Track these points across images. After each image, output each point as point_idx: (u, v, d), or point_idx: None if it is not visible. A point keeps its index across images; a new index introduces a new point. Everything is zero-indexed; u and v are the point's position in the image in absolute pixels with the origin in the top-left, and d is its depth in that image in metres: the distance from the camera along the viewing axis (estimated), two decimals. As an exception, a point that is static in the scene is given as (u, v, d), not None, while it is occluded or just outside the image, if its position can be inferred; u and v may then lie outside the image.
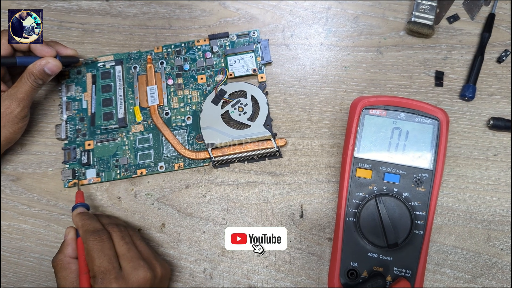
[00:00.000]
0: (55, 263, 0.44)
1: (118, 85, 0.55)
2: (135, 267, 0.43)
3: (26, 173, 0.54)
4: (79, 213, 0.47)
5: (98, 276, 0.41)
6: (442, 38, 0.54)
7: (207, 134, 0.52)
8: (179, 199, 0.52)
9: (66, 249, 0.45)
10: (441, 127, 0.45)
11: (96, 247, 0.43)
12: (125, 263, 0.43)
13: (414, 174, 0.45)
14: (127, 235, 0.46)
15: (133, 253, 0.44)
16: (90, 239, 0.43)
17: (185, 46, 0.56)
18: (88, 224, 0.45)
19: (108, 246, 0.43)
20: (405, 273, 0.44)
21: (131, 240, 0.46)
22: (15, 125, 0.50)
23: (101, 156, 0.53)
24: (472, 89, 0.51)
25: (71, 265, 0.44)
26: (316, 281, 0.49)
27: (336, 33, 0.55)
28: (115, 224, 0.47)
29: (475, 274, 0.48)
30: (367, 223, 0.44)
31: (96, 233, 0.44)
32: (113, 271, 0.41)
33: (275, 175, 0.52)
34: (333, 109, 0.53)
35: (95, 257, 0.42)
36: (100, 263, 0.42)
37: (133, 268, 0.42)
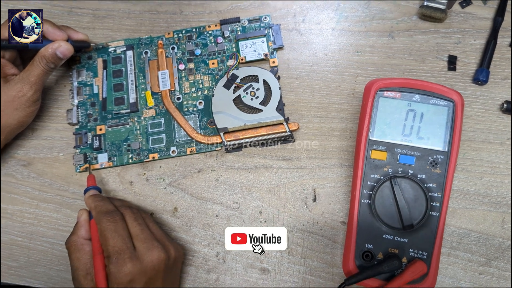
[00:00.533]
0: (69, 244, 0.44)
1: (129, 70, 0.55)
2: (149, 247, 0.42)
3: (38, 158, 0.54)
4: (91, 195, 0.47)
5: (112, 256, 0.41)
6: (454, 23, 0.54)
7: (219, 119, 0.52)
8: (192, 183, 0.52)
9: (79, 231, 0.45)
10: (456, 108, 0.45)
11: (110, 228, 0.42)
12: (139, 244, 0.42)
13: (429, 155, 0.44)
14: (140, 216, 0.46)
15: (146, 234, 0.44)
16: (103, 220, 0.43)
17: (196, 31, 0.56)
18: (101, 206, 0.45)
19: (122, 227, 0.43)
20: (420, 255, 0.43)
21: (144, 222, 0.45)
22: (27, 108, 0.50)
23: (112, 140, 0.53)
24: (486, 73, 0.51)
25: (84, 246, 0.44)
26: (330, 264, 0.48)
27: (348, 18, 0.55)
28: (128, 206, 0.47)
29: (489, 257, 0.48)
30: (382, 205, 0.44)
31: (110, 214, 0.44)
32: (127, 251, 0.41)
33: (287, 159, 0.52)
34: (345, 94, 0.53)
35: (109, 237, 0.42)
36: (115, 243, 0.41)
37: (147, 248, 0.42)
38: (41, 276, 0.51)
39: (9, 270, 0.51)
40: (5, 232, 0.52)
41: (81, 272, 0.42)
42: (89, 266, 0.43)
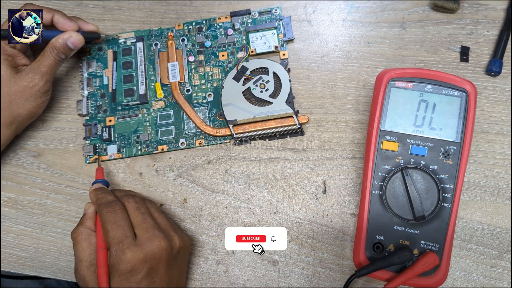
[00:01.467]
0: (75, 234, 0.44)
1: (139, 62, 0.55)
2: (149, 236, 0.41)
3: (48, 149, 0.54)
4: (94, 189, 0.46)
5: (112, 248, 0.40)
6: (467, 13, 0.53)
7: (229, 111, 0.52)
8: (201, 175, 0.52)
9: (86, 221, 0.44)
10: (469, 99, 0.44)
11: (110, 219, 0.42)
12: (140, 233, 0.42)
13: (442, 146, 0.44)
14: (143, 206, 0.45)
15: (148, 223, 0.43)
16: (103, 212, 0.42)
17: (206, 23, 0.56)
18: (102, 198, 0.44)
19: (121, 217, 0.42)
20: (432, 247, 0.43)
21: (148, 211, 0.45)
22: (38, 99, 0.50)
23: (122, 132, 0.53)
24: (499, 63, 0.50)
25: (91, 237, 0.43)
26: (340, 256, 0.48)
27: (359, 9, 0.55)
28: (130, 195, 0.46)
29: (502, 250, 0.47)
30: (393, 196, 0.44)
31: (109, 205, 0.43)
32: (126, 240, 0.40)
33: (297, 151, 0.51)
34: (356, 85, 0.52)
35: (109, 229, 0.41)
36: (114, 235, 0.41)
37: (148, 237, 0.41)
38: (51, 267, 0.51)
39: (19, 260, 0.51)
40: (16, 222, 0.52)
41: (85, 263, 0.42)
42: (93, 258, 0.42)
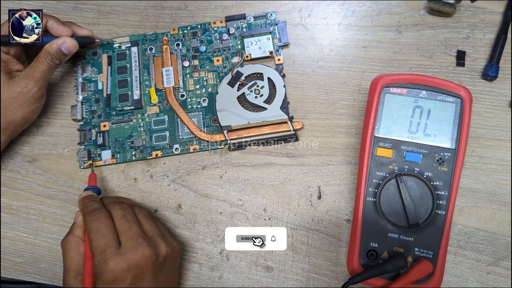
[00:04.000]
0: (65, 243, 0.43)
1: (133, 67, 0.55)
2: (134, 245, 0.40)
3: (43, 154, 0.54)
4: (84, 196, 0.45)
5: (95, 258, 0.40)
6: (463, 17, 0.53)
7: (223, 117, 0.51)
8: (196, 180, 0.51)
9: (76, 230, 0.44)
10: (464, 105, 0.44)
11: (94, 228, 0.41)
12: (124, 241, 0.41)
13: (436, 153, 0.44)
14: (130, 213, 0.44)
15: (134, 231, 0.42)
16: (87, 220, 0.42)
17: (201, 28, 0.56)
18: (88, 206, 0.44)
19: (105, 225, 0.41)
20: (426, 254, 0.43)
21: (135, 218, 0.44)
22: (32, 104, 0.50)
23: (116, 137, 0.53)
24: (496, 68, 0.50)
25: (80, 246, 0.43)
26: (334, 262, 0.48)
27: (355, 13, 0.54)
28: (117, 202, 0.45)
29: (497, 257, 0.47)
30: (387, 203, 0.44)
31: (93, 213, 0.42)
32: (109, 249, 0.40)
33: (292, 156, 0.51)
34: (351, 90, 0.52)
35: (92, 238, 0.41)
36: (97, 244, 0.40)
37: (132, 246, 0.40)
38: (46, 272, 0.51)
39: (14, 265, 0.51)
40: (11, 228, 0.52)
41: (72, 273, 0.41)
42: (81, 267, 0.42)
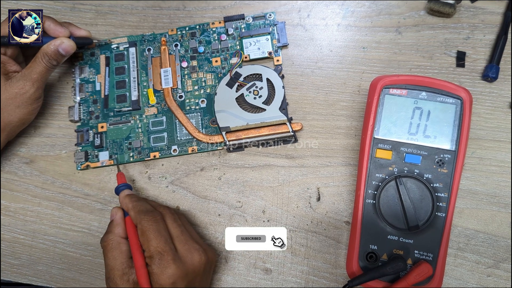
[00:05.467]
0: (106, 242, 0.43)
1: (131, 67, 0.55)
2: (190, 249, 0.42)
3: (40, 155, 0.54)
4: (127, 194, 0.46)
5: (155, 257, 0.40)
6: (464, 18, 0.52)
7: (221, 118, 0.51)
8: (194, 182, 0.51)
9: (115, 229, 0.44)
10: (464, 106, 0.43)
11: (152, 228, 0.41)
12: (180, 246, 0.42)
13: (436, 155, 0.43)
14: (178, 218, 0.45)
15: (186, 235, 0.43)
16: (144, 219, 0.42)
17: (200, 28, 0.55)
18: (140, 205, 0.44)
19: (163, 227, 0.42)
20: (426, 256, 0.42)
21: (182, 223, 0.45)
22: (29, 106, 0.49)
23: (114, 138, 0.53)
24: (496, 69, 0.49)
25: (121, 245, 0.43)
26: (333, 265, 0.48)
27: (354, 13, 0.54)
28: (166, 206, 0.46)
29: (497, 259, 0.46)
30: (387, 205, 0.43)
31: (150, 214, 0.43)
32: (170, 252, 0.40)
33: (291, 157, 0.51)
34: (351, 91, 0.52)
35: (152, 238, 0.41)
36: (157, 244, 0.40)
37: (188, 250, 0.42)
38: (43, 275, 0.51)
39: (11, 268, 0.51)
40: (8, 230, 0.52)
41: (117, 272, 0.41)
42: (125, 266, 0.41)
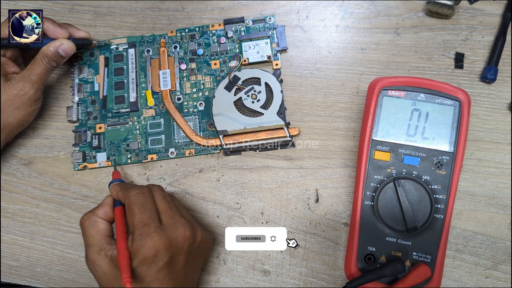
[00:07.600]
0: (83, 219, 0.43)
1: (130, 68, 0.55)
2: (175, 223, 0.41)
3: (38, 157, 0.54)
4: (116, 183, 0.46)
5: (137, 231, 0.39)
6: (462, 19, 0.52)
7: (219, 121, 0.51)
8: (192, 183, 0.51)
9: (97, 209, 0.44)
10: (463, 108, 0.43)
11: (138, 202, 0.41)
12: (166, 219, 0.41)
13: (434, 156, 0.43)
14: (168, 195, 0.44)
15: (174, 211, 0.42)
16: (132, 193, 0.42)
17: (199, 31, 0.55)
18: (128, 184, 0.44)
19: (150, 201, 0.42)
20: (424, 258, 0.42)
21: (172, 201, 0.44)
22: (28, 107, 0.49)
23: (112, 140, 0.53)
24: (494, 70, 0.49)
25: (98, 223, 0.42)
26: (332, 266, 0.48)
27: (353, 15, 0.54)
28: (155, 185, 0.45)
29: (496, 261, 0.46)
30: (385, 207, 0.43)
31: (138, 188, 0.43)
32: (153, 224, 0.40)
33: (289, 159, 0.51)
34: (349, 92, 0.52)
35: (136, 212, 0.40)
36: (141, 218, 0.40)
37: (173, 224, 0.41)
38: (42, 276, 0.51)
39: (10, 269, 0.51)
40: (6, 231, 0.52)
41: (95, 248, 0.41)
42: (103, 243, 0.41)
